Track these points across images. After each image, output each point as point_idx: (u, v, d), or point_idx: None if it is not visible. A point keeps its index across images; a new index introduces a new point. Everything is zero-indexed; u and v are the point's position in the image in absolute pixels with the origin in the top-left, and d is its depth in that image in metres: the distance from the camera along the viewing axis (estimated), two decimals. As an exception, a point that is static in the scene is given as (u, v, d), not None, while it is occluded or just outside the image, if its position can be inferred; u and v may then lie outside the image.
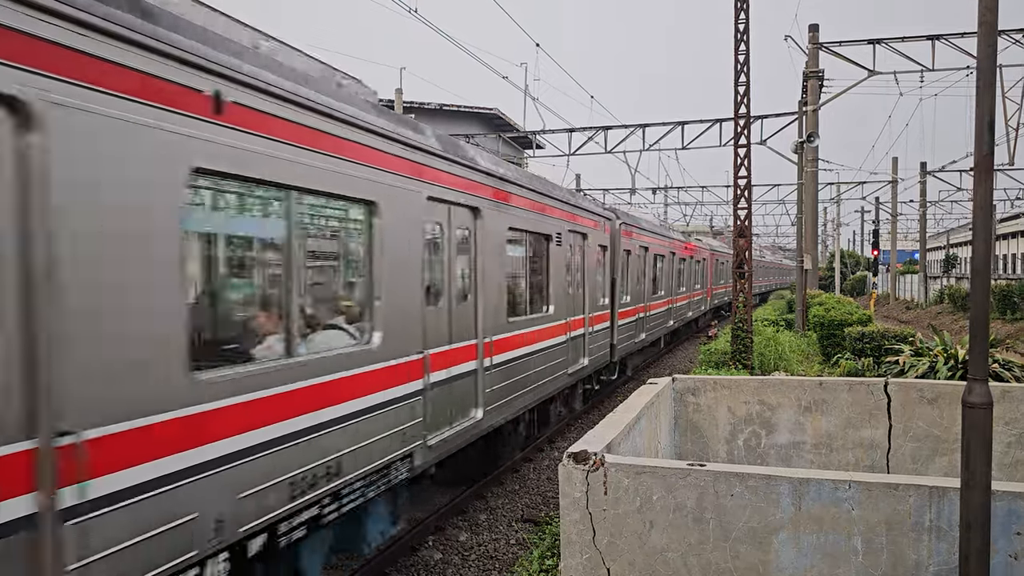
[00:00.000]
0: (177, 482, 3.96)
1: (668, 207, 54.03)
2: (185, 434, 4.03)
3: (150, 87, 3.83)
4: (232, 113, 4.38)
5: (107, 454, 3.56)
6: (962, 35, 22.71)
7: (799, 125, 23.52)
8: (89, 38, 3.50)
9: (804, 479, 4.36)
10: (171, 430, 3.93)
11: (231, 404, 4.40)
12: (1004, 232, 66.35)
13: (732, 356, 15.30)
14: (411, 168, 6.56)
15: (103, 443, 3.54)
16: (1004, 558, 4.09)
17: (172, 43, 3.96)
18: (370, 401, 5.91)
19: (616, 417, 5.98)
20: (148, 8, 3.94)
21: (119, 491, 3.61)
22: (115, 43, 3.63)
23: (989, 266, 4.29)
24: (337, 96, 5.61)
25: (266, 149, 4.69)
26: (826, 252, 65.12)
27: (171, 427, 3.93)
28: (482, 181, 8.24)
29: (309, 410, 5.16)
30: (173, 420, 3.96)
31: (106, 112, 3.58)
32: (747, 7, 14.83)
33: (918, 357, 11.89)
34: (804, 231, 24.11)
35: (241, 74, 4.45)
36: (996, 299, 32.97)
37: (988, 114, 4.18)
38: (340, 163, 5.47)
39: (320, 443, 5.27)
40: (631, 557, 4.58)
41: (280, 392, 4.85)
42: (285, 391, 4.90)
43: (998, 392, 7.26)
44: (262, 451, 4.66)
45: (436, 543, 8.07)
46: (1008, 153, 28.50)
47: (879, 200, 48.18)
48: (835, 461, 7.70)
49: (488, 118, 34.94)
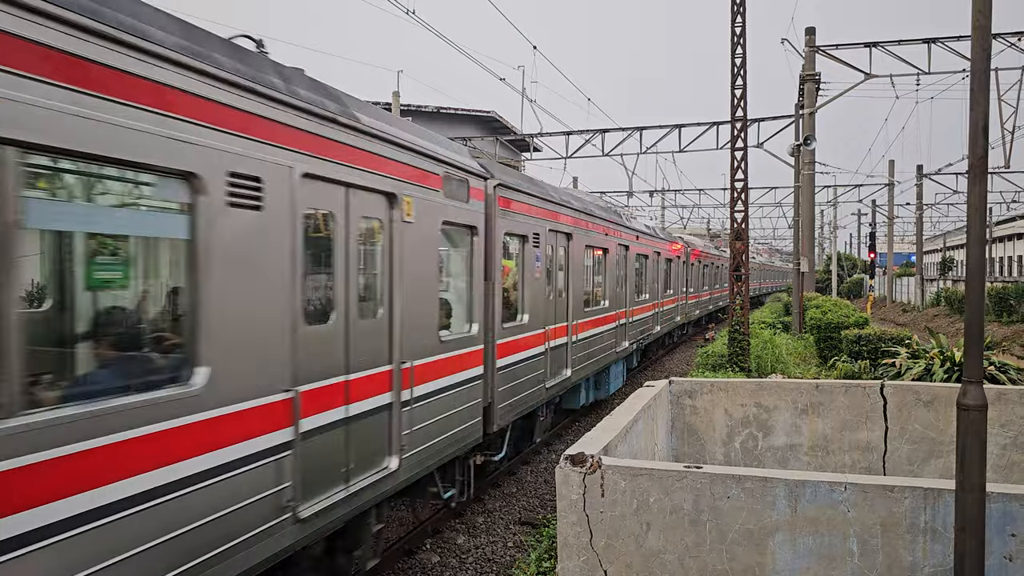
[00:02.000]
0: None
1: (665, 209, 54.15)
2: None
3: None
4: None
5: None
6: (957, 38, 22.80)
7: (796, 128, 23.57)
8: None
9: (800, 481, 4.37)
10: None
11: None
12: (1000, 235, 66.51)
13: (729, 359, 15.31)
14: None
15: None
16: (999, 559, 4.11)
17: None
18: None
19: (613, 420, 5.99)
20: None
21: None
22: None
23: (984, 269, 4.31)
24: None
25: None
26: (823, 255, 65.27)
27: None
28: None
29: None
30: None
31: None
32: (744, 11, 14.87)
33: (914, 360, 11.92)
34: (801, 234, 24.16)
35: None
36: (992, 302, 33.06)
37: (982, 117, 4.20)
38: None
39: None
40: (628, 559, 4.58)
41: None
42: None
43: (994, 394, 7.29)
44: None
45: (434, 546, 8.07)
46: (1004, 156, 28.59)
47: (876, 203, 48.25)
48: (831, 463, 7.72)
49: (485, 121, 35.00)
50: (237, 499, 4.36)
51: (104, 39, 3.55)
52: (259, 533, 4.56)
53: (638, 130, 29.95)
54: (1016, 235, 66.11)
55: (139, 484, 3.68)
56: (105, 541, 3.51)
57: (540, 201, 10.22)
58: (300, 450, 4.90)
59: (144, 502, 3.71)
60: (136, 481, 3.67)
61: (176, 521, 3.91)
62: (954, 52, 22.98)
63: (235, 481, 4.34)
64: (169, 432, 3.86)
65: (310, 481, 5.03)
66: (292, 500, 4.82)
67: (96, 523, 3.46)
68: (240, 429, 4.39)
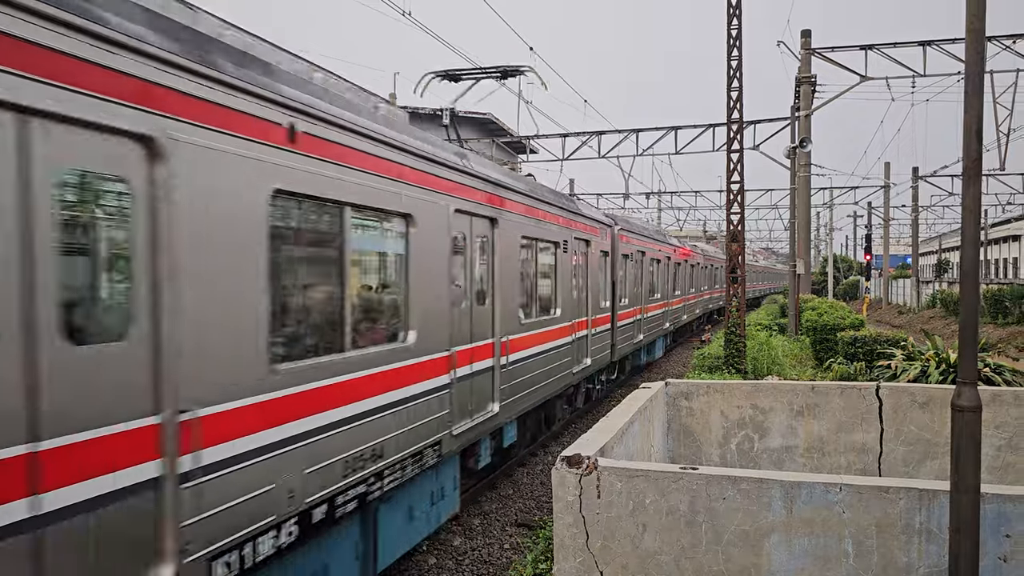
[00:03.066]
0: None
1: (662, 211, 54.21)
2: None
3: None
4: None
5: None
6: (953, 41, 22.90)
7: (792, 130, 23.64)
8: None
9: (795, 482, 4.39)
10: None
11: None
12: (996, 237, 66.73)
13: (725, 360, 15.35)
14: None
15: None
16: (993, 560, 4.13)
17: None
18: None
19: (610, 421, 6.00)
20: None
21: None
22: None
23: (978, 270, 4.33)
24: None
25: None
26: (819, 257, 65.38)
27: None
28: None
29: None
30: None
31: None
32: (740, 13, 14.91)
33: (910, 361, 11.95)
34: (797, 236, 24.22)
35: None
36: (988, 303, 33.15)
37: (976, 120, 4.22)
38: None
39: None
40: (624, 560, 4.59)
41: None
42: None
43: (988, 396, 7.31)
44: None
45: (430, 548, 8.07)
46: (999, 158, 28.71)
47: (871, 205, 48.40)
48: (827, 465, 7.74)
49: (482, 123, 34.98)
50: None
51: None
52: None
53: (634, 132, 30.00)
54: (1012, 237, 66.34)
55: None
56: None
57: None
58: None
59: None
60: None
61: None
62: (949, 54, 23.08)
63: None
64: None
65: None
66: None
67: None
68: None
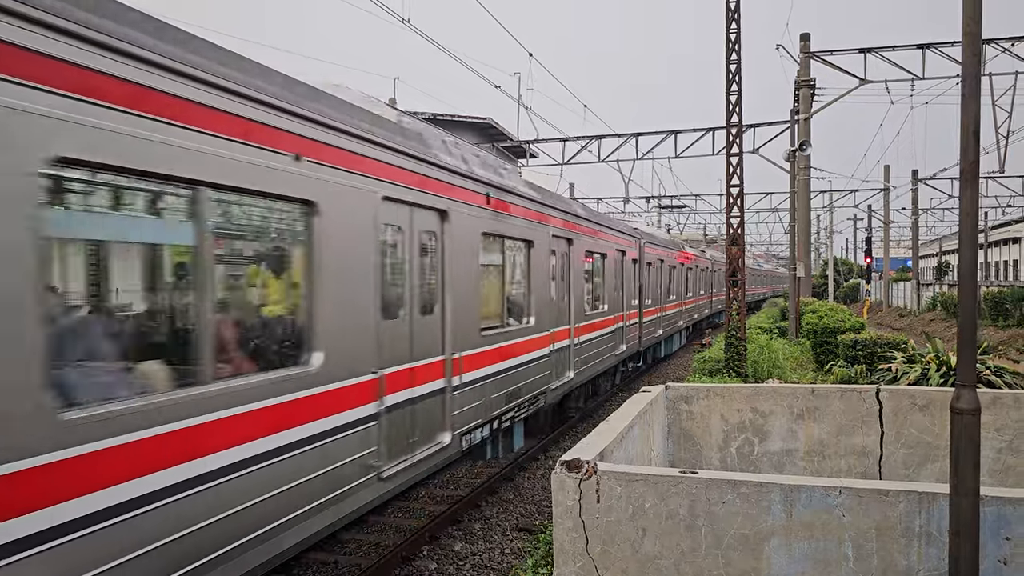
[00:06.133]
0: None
1: (661, 215, 54.23)
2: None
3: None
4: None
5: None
6: (951, 44, 22.93)
7: (791, 133, 23.66)
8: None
9: (795, 486, 4.38)
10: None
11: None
12: (996, 239, 66.71)
13: (726, 364, 15.33)
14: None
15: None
16: (993, 563, 4.12)
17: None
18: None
19: (609, 425, 5.99)
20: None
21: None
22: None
23: (975, 273, 4.33)
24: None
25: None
26: (819, 260, 65.37)
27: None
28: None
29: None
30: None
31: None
32: (738, 17, 14.94)
33: (910, 364, 11.94)
34: (797, 239, 24.22)
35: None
36: (988, 306, 33.13)
37: (973, 122, 4.22)
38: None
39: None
40: (624, 565, 4.58)
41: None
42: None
43: (988, 398, 7.30)
44: None
45: (431, 553, 8.06)
46: (999, 161, 28.72)
47: (871, 208, 48.41)
48: (827, 468, 7.72)
49: (481, 127, 34.99)
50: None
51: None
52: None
53: (634, 136, 30.03)
54: (1012, 239, 66.33)
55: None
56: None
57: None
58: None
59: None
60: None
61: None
62: (948, 57, 23.10)
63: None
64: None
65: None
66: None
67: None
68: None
